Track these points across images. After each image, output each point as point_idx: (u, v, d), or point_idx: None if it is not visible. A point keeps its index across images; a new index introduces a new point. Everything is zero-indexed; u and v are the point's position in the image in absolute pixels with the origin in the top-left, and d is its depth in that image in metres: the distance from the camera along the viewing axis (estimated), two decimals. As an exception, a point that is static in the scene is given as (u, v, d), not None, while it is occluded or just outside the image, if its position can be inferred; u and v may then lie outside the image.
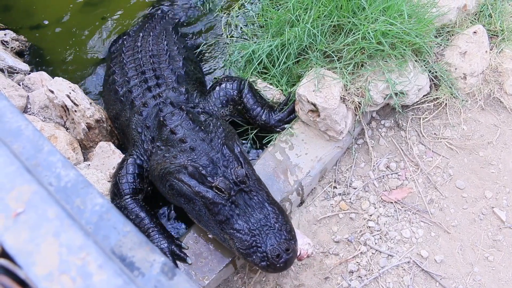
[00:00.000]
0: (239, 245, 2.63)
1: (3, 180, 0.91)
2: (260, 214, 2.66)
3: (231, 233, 2.66)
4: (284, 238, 2.58)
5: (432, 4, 3.45)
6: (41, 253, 0.81)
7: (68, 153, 3.25)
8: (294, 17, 3.43)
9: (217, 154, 2.85)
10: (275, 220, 2.65)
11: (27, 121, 1.35)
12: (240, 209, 2.69)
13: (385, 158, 3.46)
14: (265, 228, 2.62)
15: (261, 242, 2.58)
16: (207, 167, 2.78)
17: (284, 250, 2.55)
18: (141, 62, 3.57)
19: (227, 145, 2.91)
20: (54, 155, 1.26)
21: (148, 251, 0.98)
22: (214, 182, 2.73)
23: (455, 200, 3.26)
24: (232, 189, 2.72)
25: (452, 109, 3.58)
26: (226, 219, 2.69)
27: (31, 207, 0.86)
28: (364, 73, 3.26)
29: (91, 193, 1.15)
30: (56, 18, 4.44)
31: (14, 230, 0.85)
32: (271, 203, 2.73)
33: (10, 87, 3.46)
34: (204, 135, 2.96)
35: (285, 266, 2.58)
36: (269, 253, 2.55)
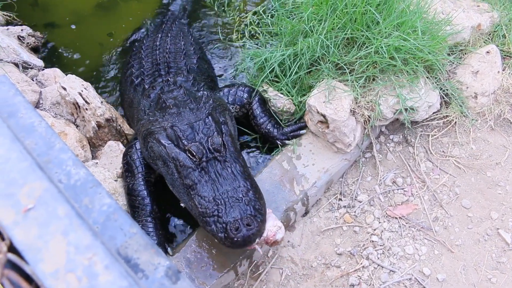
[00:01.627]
0: (201, 211, 2.58)
1: (16, 175, 0.92)
2: (230, 185, 2.63)
3: (196, 199, 2.62)
4: (249, 213, 2.52)
5: (446, 22, 3.46)
6: (49, 250, 0.82)
7: (77, 150, 3.27)
8: (308, 28, 3.45)
9: (199, 121, 2.89)
10: (244, 194, 2.60)
11: (41, 117, 1.37)
12: (209, 177, 2.67)
13: (392, 173, 3.45)
14: (231, 199, 2.57)
15: (223, 212, 2.52)
16: (185, 131, 2.83)
17: (245, 224, 2.47)
18: (157, 57, 3.66)
19: (212, 115, 2.94)
20: (66, 152, 1.28)
21: (153, 254, 0.99)
22: (187, 145, 2.76)
23: (460, 219, 3.25)
24: (205, 155, 2.73)
25: (461, 127, 3.58)
26: (193, 183, 2.67)
27: (41, 204, 0.88)
28: (375, 87, 3.26)
29: (99, 193, 1.17)
30: (71, 18, 4.49)
31: (24, 226, 0.86)
32: (244, 177, 2.69)
33: (24, 82, 3.49)
34: (193, 106, 3.02)
35: (243, 242, 2.47)
36: (229, 224, 2.48)
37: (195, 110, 3.00)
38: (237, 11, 4.56)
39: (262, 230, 2.57)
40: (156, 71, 3.55)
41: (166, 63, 3.60)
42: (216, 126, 2.89)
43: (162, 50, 3.73)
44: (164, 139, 2.86)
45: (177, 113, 2.97)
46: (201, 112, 2.99)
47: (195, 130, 2.85)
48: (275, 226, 2.66)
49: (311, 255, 3.17)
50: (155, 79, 3.49)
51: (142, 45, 3.96)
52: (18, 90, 1.41)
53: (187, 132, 2.85)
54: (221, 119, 2.99)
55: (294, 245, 3.20)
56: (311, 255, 3.17)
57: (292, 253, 3.18)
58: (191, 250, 2.97)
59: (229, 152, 2.81)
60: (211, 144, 2.78)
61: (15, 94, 1.39)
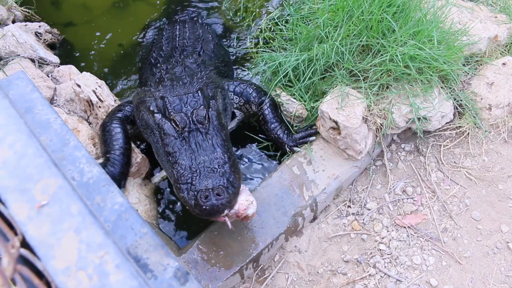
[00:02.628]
0: (176, 178, 2.69)
1: (32, 171, 0.93)
2: (207, 156, 2.74)
3: (174, 166, 2.74)
4: (221, 184, 2.60)
5: (463, 32, 3.44)
6: (61, 247, 0.83)
7: (88, 147, 3.30)
8: (324, 34, 3.45)
9: (188, 94, 3.02)
10: (220, 165, 2.70)
11: (56, 114, 1.38)
12: (189, 146, 2.79)
13: (402, 182, 3.44)
14: (207, 169, 2.66)
15: (197, 180, 2.62)
16: (173, 102, 2.97)
17: (215, 194, 2.55)
18: (176, 44, 3.87)
19: (202, 90, 3.07)
20: (80, 150, 1.29)
21: (163, 254, 1.00)
22: (173, 115, 2.90)
23: (469, 231, 3.23)
24: (187, 125, 2.87)
25: (474, 139, 3.55)
26: (173, 151, 2.80)
27: (55, 200, 0.88)
28: (388, 95, 3.25)
29: (112, 191, 1.17)
30: (88, 16, 4.53)
31: (37, 222, 0.87)
32: (223, 151, 2.80)
33: (39, 78, 3.52)
34: (186, 80, 3.20)
35: (211, 210, 2.54)
36: (200, 192, 2.56)
37: (188, 84, 3.16)
38: (253, 16, 4.57)
39: (233, 202, 2.64)
40: (172, 55, 3.75)
41: (183, 47, 3.81)
42: (204, 100, 3.01)
43: (182, 38, 3.94)
44: (153, 107, 3.02)
45: (170, 86, 3.16)
46: (193, 86, 3.14)
47: (183, 102, 2.98)
48: (247, 201, 2.72)
49: (317, 261, 3.16)
50: (168, 59, 3.69)
51: (162, 35, 4.15)
52: (35, 86, 1.42)
53: (175, 103, 2.98)
54: (210, 94, 3.11)
55: (301, 251, 3.20)
56: (318, 261, 3.16)
57: (299, 258, 3.17)
58: (197, 252, 2.97)
59: (212, 125, 2.92)
60: (195, 116, 2.91)
61: (32, 90, 1.41)
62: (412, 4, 3.38)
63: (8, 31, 3.68)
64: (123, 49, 4.37)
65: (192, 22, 4.34)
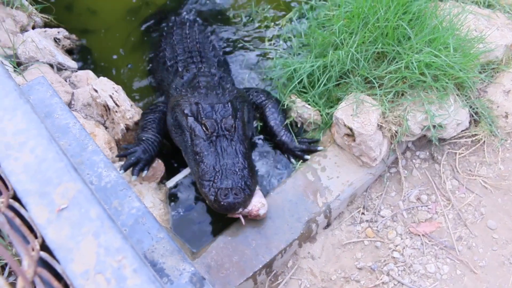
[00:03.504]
0: (201, 175, 3.03)
1: (52, 175, 0.95)
2: (230, 160, 3.08)
3: (200, 164, 3.08)
4: (239, 186, 2.96)
5: (479, 39, 3.43)
6: (80, 251, 0.85)
7: (105, 152, 3.33)
8: (339, 40, 3.45)
9: (220, 104, 3.33)
10: (240, 170, 3.05)
11: (75, 119, 1.41)
12: (215, 149, 3.13)
13: (417, 189, 3.42)
14: (228, 171, 3.02)
15: (218, 179, 2.97)
16: (206, 109, 3.29)
17: (233, 193, 2.91)
18: (189, 45, 4.09)
19: (231, 102, 3.38)
20: (98, 155, 1.31)
21: (179, 259, 1.01)
22: (204, 120, 3.23)
23: (485, 240, 3.20)
24: (216, 131, 3.20)
25: (490, 147, 3.53)
26: (201, 152, 3.13)
27: (74, 204, 0.90)
28: (403, 102, 3.24)
29: (129, 196, 1.19)
30: (105, 22, 4.59)
31: (56, 225, 0.89)
32: (244, 157, 3.13)
33: (57, 83, 3.57)
34: (219, 92, 3.48)
35: (228, 207, 2.90)
36: (220, 190, 2.92)
37: (220, 95, 3.45)
38: (271, 20, 4.58)
39: (248, 202, 3.00)
40: (189, 58, 3.96)
41: (197, 51, 4.03)
42: (233, 111, 3.31)
43: (192, 40, 4.14)
44: (188, 111, 3.33)
45: (204, 94, 3.45)
46: (224, 98, 3.43)
47: (215, 110, 3.29)
48: (260, 203, 3.05)
49: (331, 268, 3.16)
50: (188, 64, 3.91)
51: (173, 31, 4.31)
52: (55, 92, 1.45)
53: (208, 110, 3.29)
54: (238, 107, 3.40)
55: (314, 257, 3.20)
56: (331, 268, 3.16)
57: (312, 264, 3.17)
58: (211, 256, 2.99)
59: (237, 134, 3.24)
60: (224, 124, 3.23)
61: (52, 95, 1.44)
62: (428, 12, 3.37)
63: (28, 37, 3.74)
64: (139, 55, 4.42)
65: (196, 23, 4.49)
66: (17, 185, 0.94)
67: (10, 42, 3.69)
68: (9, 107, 1.08)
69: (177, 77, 3.86)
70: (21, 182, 0.96)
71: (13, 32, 3.87)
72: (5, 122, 1.06)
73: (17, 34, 3.87)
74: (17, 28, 3.97)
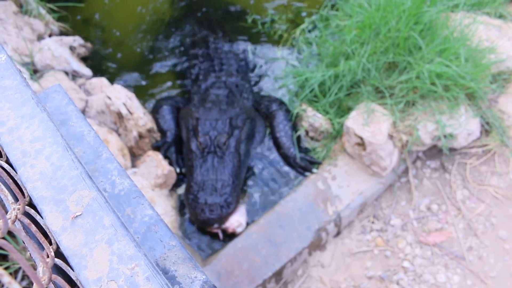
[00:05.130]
0: (187, 188, 3.31)
1: (67, 182, 0.98)
2: (215, 176, 3.26)
3: (189, 178, 3.33)
4: (216, 202, 3.15)
5: (490, 50, 3.43)
6: (93, 258, 0.87)
7: (118, 158, 3.38)
8: (351, 50, 3.48)
9: (219, 121, 3.51)
10: (221, 187, 3.22)
11: (90, 127, 1.44)
12: (205, 164, 3.32)
13: (427, 199, 3.42)
14: (210, 188, 3.22)
15: (200, 195, 3.20)
16: (204, 125, 3.49)
17: (210, 209, 3.12)
18: (210, 53, 4.21)
19: (231, 119, 3.54)
20: (112, 162, 1.34)
21: (190, 267, 1.04)
22: (199, 136, 3.43)
23: (495, 250, 3.19)
24: (208, 147, 3.39)
25: (501, 157, 3.52)
26: (193, 166, 3.35)
27: (89, 212, 0.93)
28: (414, 112, 3.25)
29: (142, 203, 1.22)
30: (121, 32, 4.65)
31: (71, 233, 0.92)
32: (230, 175, 3.29)
33: (72, 90, 3.63)
34: (224, 107, 3.64)
35: (203, 222, 3.15)
36: (199, 205, 3.15)
37: (222, 111, 3.60)
38: (287, 25, 4.60)
39: (224, 219, 3.17)
40: (211, 66, 4.10)
41: (219, 59, 4.13)
42: (229, 129, 3.47)
43: (215, 47, 4.25)
44: (189, 125, 3.57)
45: (209, 108, 3.62)
46: (226, 114, 3.57)
47: (212, 126, 3.48)
48: (237, 221, 3.21)
49: (340, 277, 3.16)
50: (208, 72, 4.05)
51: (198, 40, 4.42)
52: (71, 99, 1.49)
53: (205, 125, 3.49)
54: (239, 124, 3.55)
55: (324, 266, 3.21)
56: (341, 277, 3.16)
57: (322, 273, 3.18)
58: (221, 264, 3.01)
59: (229, 151, 3.39)
60: (216, 141, 3.40)
61: (68, 103, 1.47)
62: (439, 22, 3.39)
63: (45, 45, 3.82)
64: (154, 62, 4.47)
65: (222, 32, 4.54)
66: (33, 192, 0.98)
67: (27, 50, 3.77)
68: (26, 115, 1.12)
69: (195, 84, 4.04)
70: (37, 189, 0.99)
71: (31, 40, 3.94)
72: (22, 130, 1.09)
73: (34, 42, 3.95)
74: (34, 36, 4.05)
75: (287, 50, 4.38)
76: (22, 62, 3.72)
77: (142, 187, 3.26)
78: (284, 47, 4.42)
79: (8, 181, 1.00)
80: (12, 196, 1.03)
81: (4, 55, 1.21)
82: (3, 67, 1.17)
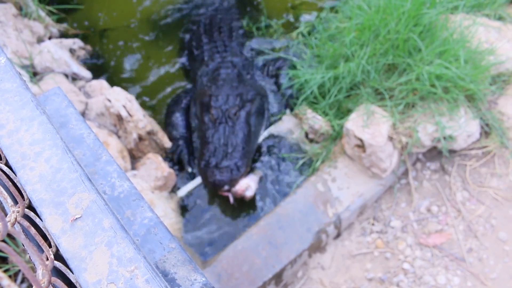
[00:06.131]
0: (200, 155, 3.50)
1: (66, 185, 0.98)
2: (227, 143, 3.48)
3: (202, 147, 3.54)
4: (226, 165, 3.33)
5: (490, 51, 3.43)
6: (93, 260, 0.87)
7: (117, 161, 3.38)
8: (350, 52, 3.48)
9: (230, 97, 3.72)
10: (233, 151, 3.42)
11: (89, 129, 1.44)
12: (217, 134, 3.54)
13: (427, 201, 3.42)
14: (222, 152, 3.42)
15: (212, 159, 3.39)
16: (216, 100, 3.70)
17: (220, 172, 3.28)
18: (213, 35, 4.41)
19: (242, 94, 3.76)
20: (111, 165, 1.34)
21: (190, 269, 1.03)
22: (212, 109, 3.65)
23: (496, 252, 3.19)
24: (219, 118, 3.61)
25: (501, 158, 3.52)
26: (205, 136, 3.56)
27: (88, 214, 0.92)
28: (414, 114, 3.26)
29: (142, 206, 1.22)
30: (121, 33, 4.66)
31: (70, 235, 0.91)
32: (241, 141, 3.50)
33: (72, 92, 3.63)
34: (235, 84, 3.87)
35: (214, 183, 3.30)
36: (209, 168, 3.33)
37: (234, 88, 3.82)
38: (290, 28, 4.60)
39: (234, 182, 3.31)
40: (214, 47, 4.30)
41: (221, 40, 4.35)
42: (240, 102, 3.69)
43: (218, 28, 4.47)
44: (203, 103, 3.75)
45: (221, 85, 3.84)
46: (237, 90, 3.80)
47: (224, 101, 3.69)
48: (247, 184, 3.34)
49: (340, 279, 3.16)
50: (213, 53, 4.27)
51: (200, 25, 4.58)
52: (70, 102, 1.49)
53: (218, 101, 3.70)
54: (249, 99, 3.76)
55: (324, 268, 3.21)
56: (341, 279, 3.16)
57: (322, 275, 3.18)
58: (221, 266, 3.01)
59: (239, 122, 3.61)
60: (228, 113, 3.61)
61: (67, 105, 1.47)
62: (438, 24, 3.39)
63: (44, 47, 3.82)
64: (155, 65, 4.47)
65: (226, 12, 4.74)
66: (33, 194, 0.97)
67: (27, 53, 3.77)
68: (26, 118, 1.11)
69: (202, 66, 4.23)
70: (37, 191, 0.98)
71: (30, 43, 3.94)
72: (21, 133, 1.09)
73: (33, 45, 3.95)
74: (34, 38, 4.05)
75: (283, 52, 4.38)
76: (22, 65, 3.73)
77: (141, 190, 3.25)
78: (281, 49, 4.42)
79: (7, 183, 1.00)
80: (11, 199, 1.03)
81: (4, 57, 1.21)
82: (3, 70, 1.17)
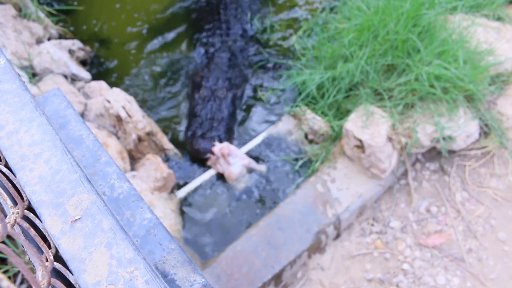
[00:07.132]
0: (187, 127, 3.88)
1: (66, 186, 0.97)
2: (213, 117, 3.85)
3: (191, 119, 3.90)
4: (207, 136, 3.69)
5: (489, 52, 3.43)
6: (93, 261, 0.87)
7: (117, 162, 3.38)
8: (349, 53, 3.48)
9: (219, 80, 4.07)
10: (217, 124, 3.80)
11: (89, 130, 1.44)
12: (204, 109, 3.90)
13: (426, 201, 3.42)
14: (206, 124, 3.80)
15: (199, 128, 3.78)
16: (207, 81, 4.07)
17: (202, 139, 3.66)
18: (220, 17, 4.58)
19: (230, 79, 4.10)
20: (111, 166, 1.34)
21: (190, 270, 1.03)
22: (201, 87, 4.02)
23: (495, 252, 3.19)
24: (208, 96, 3.97)
25: (500, 159, 3.52)
26: (194, 111, 3.92)
27: (88, 215, 0.92)
28: (413, 114, 3.26)
29: (141, 207, 1.22)
30: (122, 36, 4.66)
31: (70, 236, 0.91)
32: (225, 117, 3.86)
33: (71, 93, 3.63)
34: (225, 68, 4.21)
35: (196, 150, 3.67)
36: (195, 134, 3.73)
37: (224, 72, 4.15)
38: (288, 31, 4.60)
39: (211, 149, 3.59)
40: (218, 29, 4.54)
41: (225, 23, 4.57)
42: (228, 84, 4.04)
43: (224, 12, 4.66)
44: (195, 83, 4.11)
45: (213, 69, 4.18)
46: (226, 74, 4.14)
47: (214, 83, 4.04)
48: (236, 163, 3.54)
49: (340, 279, 3.16)
50: (215, 35, 4.51)
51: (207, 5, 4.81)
52: (70, 103, 1.49)
53: (209, 82, 4.05)
54: (236, 83, 4.11)
55: (323, 268, 3.21)
56: (340, 279, 3.16)
57: (321, 276, 3.18)
58: (220, 267, 3.01)
59: (225, 101, 3.96)
60: (216, 92, 3.98)
61: (66, 106, 1.47)
62: (437, 24, 3.39)
63: (44, 49, 3.82)
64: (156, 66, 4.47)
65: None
66: (32, 195, 0.97)
67: (26, 54, 3.77)
68: (25, 119, 1.11)
69: (202, 47, 4.49)
70: (36, 192, 0.98)
71: (29, 44, 3.94)
72: (21, 134, 1.09)
73: (33, 46, 3.95)
74: (33, 39, 4.05)
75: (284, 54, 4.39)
76: (21, 66, 3.73)
77: (141, 190, 3.25)
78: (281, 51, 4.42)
79: (7, 185, 1.00)
80: (11, 200, 1.03)
81: (3, 59, 1.21)
82: (2, 71, 1.17)
